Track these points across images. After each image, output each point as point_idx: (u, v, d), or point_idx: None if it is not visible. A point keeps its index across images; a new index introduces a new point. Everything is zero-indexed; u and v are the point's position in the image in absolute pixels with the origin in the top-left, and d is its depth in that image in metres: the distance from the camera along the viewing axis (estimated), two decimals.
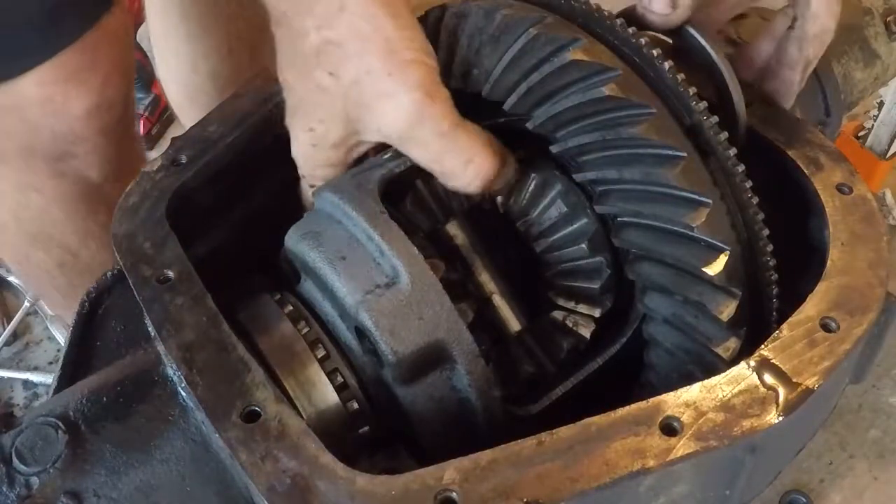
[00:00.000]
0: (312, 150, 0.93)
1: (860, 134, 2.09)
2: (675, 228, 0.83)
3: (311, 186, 0.97)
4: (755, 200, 0.86)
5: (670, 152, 0.83)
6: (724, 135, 0.86)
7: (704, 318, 0.83)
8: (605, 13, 0.91)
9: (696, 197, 0.83)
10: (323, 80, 0.87)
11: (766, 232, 0.86)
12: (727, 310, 0.83)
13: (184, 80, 1.33)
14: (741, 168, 0.86)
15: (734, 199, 0.86)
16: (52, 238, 1.21)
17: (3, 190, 1.21)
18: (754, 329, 0.85)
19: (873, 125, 2.04)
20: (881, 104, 2.01)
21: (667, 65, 0.87)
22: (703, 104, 0.87)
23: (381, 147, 0.91)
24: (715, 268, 0.83)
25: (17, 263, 1.35)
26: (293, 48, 0.89)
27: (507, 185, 0.91)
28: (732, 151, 0.86)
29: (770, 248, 0.86)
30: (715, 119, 0.87)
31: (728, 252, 0.83)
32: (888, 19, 1.26)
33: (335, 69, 0.86)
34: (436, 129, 0.85)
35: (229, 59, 0.95)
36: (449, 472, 0.73)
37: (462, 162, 0.86)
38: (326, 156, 0.93)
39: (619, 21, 0.90)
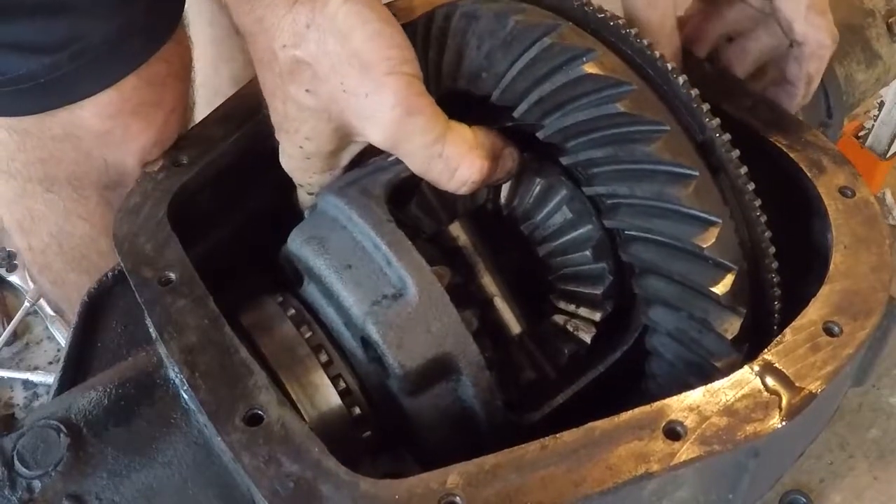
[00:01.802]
0: (307, 163, 0.93)
1: (860, 134, 2.08)
2: (685, 247, 0.83)
3: (310, 194, 0.97)
4: (763, 218, 0.86)
5: (683, 171, 0.83)
6: (736, 152, 0.87)
7: (708, 334, 0.84)
8: (620, 22, 0.90)
9: (706, 216, 0.83)
10: (300, 98, 0.86)
11: (772, 250, 0.87)
12: (731, 328, 0.83)
13: (203, 82, 1.32)
14: (751, 186, 0.86)
15: (742, 217, 0.87)
16: (95, 265, 1.18)
17: (49, 215, 1.18)
18: (755, 338, 0.85)
19: (873, 125, 2.04)
20: (881, 104, 2.00)
21: (681, 79, 0.87)
22: (717, 121, 0.87)
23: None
24: (722, 287, 0.83)
25: (52, 283, 1.33)
26: (268, 69, 0.88)
27: (508, 176, 0.90)
28: (743, 170, 0.86)
29: (775, 265, 0.87)
30: (727, 136, 0.87)
31: (735, 272, 0.83)
32: (890, 20, 1.26)
33: (311, 87, 0.85)
34: (419, 142, 0.84)
35: (251, 65, 0.93)
36: (452, 476, 0.73)
37: (448, 171, 0.85)
38: (322, 165, 0.93)
39: (633, 31, 0.89)
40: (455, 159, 0.85)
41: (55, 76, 1.00)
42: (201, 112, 1.09)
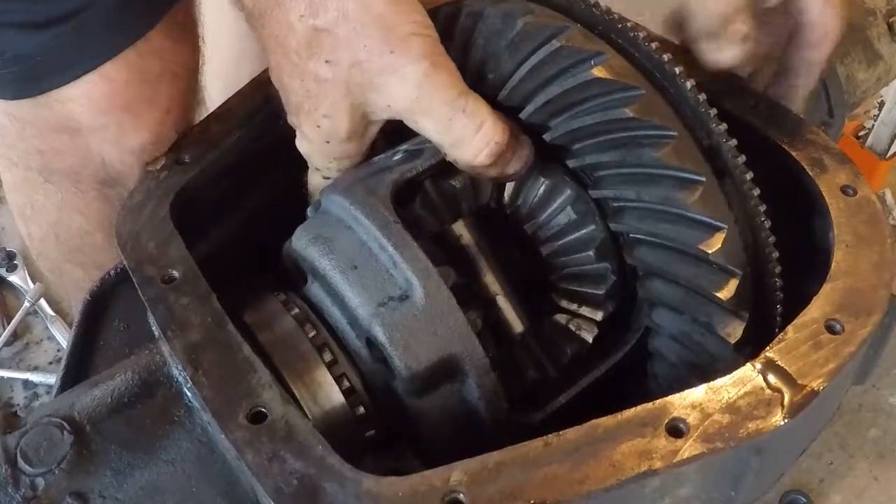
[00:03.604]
0: (326, 146, 0.92)
1: (860, 134, 2.09)
2: (690, 251, 0.84)
3: (326, 178, 0.96)
4: (768, 224, 0.87)
5: (690, 176, 0.84)
6: (742, 158, 0.87)
7: (711, 338, 0.84)
8: (629, 24, 0.90)
9: (712, 222, 0.84)
10: (319, 70, 0.86)
11: (775, 254, 0.87)
12: (735, 332, 0.84)
13: (225, 76, 1.32)
14: (756, 192, 0.87)
15: (747, 221, 0.87)
16: (90, 259, 1.19)
17: (47, 205, 1.19)
18: (756, 338, 0.86)
19: (874, 125, 2.04)
20: (882, 104, 2.01)
21: (689, 84, 0.88)
22: (724, 126, 0.87)
23: (391, 132, 0.91)
24: (726, 292, 0.84)
25: (49, 272, 1.34)
26: (282, 47, 0.88)
27: (523, 165, 0.90)
28: (749, 175, 0.87)
29: (778, 269, 0.87)
30: (734, 142, 0.87)
31: (739, 277, 0.84)
32: (891, 20, 1.26)
33: (330, 56, 0.85)
34: (444, 96, 0.84)
35: None
36: (456, 473, 0.73)
37: (472, 127, 0.85)
38: (342, 149, 0.92)
39: (641, 34, 0.90)
40: (478, 115, 0.85)
41: (55, 53, 0.99)
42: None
